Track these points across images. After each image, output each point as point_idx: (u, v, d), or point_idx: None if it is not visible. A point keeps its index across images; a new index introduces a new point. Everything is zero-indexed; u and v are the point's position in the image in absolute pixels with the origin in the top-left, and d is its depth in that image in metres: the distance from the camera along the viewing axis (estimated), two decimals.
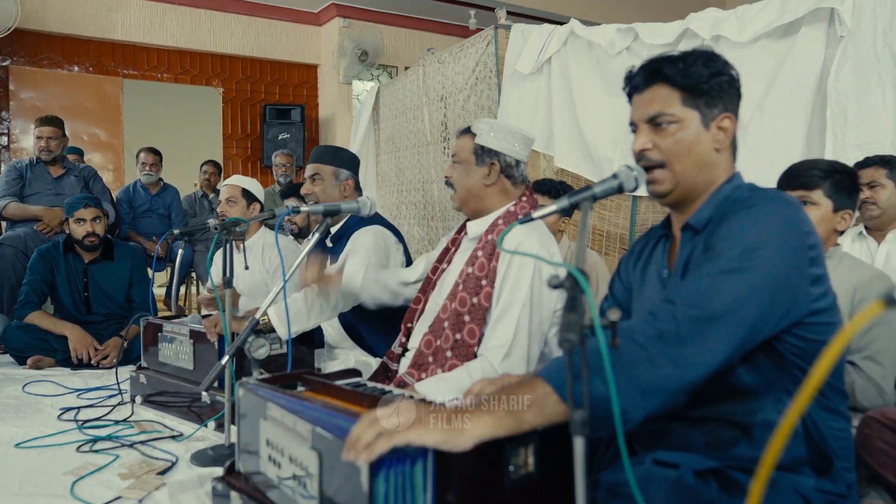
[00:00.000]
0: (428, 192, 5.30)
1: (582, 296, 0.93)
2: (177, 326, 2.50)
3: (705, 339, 1.08)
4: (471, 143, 2.00)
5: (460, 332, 1.86)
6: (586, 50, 3.78)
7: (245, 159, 7.24)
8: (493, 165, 1.99)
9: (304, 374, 1.58)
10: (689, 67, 1.26)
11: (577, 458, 0.93)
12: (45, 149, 4.21)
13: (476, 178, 2.00)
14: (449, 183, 2.05)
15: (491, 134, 1.98)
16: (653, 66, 1.29)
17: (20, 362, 3.34)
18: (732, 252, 1.13)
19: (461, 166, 2.02)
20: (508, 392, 1.07)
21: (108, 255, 3.56)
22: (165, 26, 6.66)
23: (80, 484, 1.80)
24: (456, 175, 2.03)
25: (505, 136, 1.99)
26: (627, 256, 1.51)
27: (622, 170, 1.28)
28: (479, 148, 1.99)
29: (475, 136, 2.00)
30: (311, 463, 1.15)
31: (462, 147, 2.02)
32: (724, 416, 1.22)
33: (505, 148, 1.98)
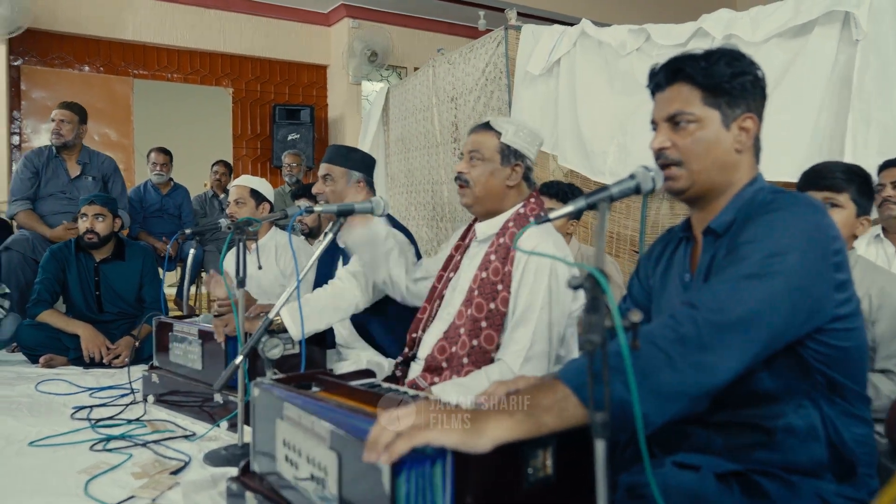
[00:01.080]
0: (437, 192, 5.30)
1: (602, 296, 0.93)
2: (187, 326, 2.50)
3: (727, 345, 1.06)
4: (495, 141, 1.96)
5: (477, 339, 1.84)
6: (596, 50, 3.78)
7: (255, 159, 7.25)
8: (517, 167, 1.96)
9: (319, 375, 1.58)
10: (711, 66, 1.25)
11: (598, 461, 0.92)
12: (56, 132, 4.13)
13: (499, 178, 1.96)
14: (463, 179, 1.99)
15: (518, 134, 1.95)
16: (675, 65, 1.28)
17: (33, 360, 3.36)
18: (756, 256, 1.12)
19: (483, 164, 1.96)
20: (527, 394, 1.06)
21: (120, 254, 3.57)
22: (175, 26, 6.68)
23: (93, 483, 1.81)
24: (476, 173, 1.96)
25: (528, 137, 1.97)
26: (646, 258, 1.50)
27: (639, 170, 1.27)
28: (505, 148, 1.95)
29: (500, 135, 1.96)
30: (329, 463, 1.15)
31: (485, 144, 1.96)
32: (745, 421, 1.21)
33: (527, 150, 1.97)
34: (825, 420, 1.19)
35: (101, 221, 3.45)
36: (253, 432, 1.48)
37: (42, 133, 6.10)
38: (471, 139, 2.01)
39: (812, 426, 1.18)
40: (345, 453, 1.11)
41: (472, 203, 2.01)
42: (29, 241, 3.92)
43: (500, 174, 1.96)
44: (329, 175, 2.56)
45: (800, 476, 1.16)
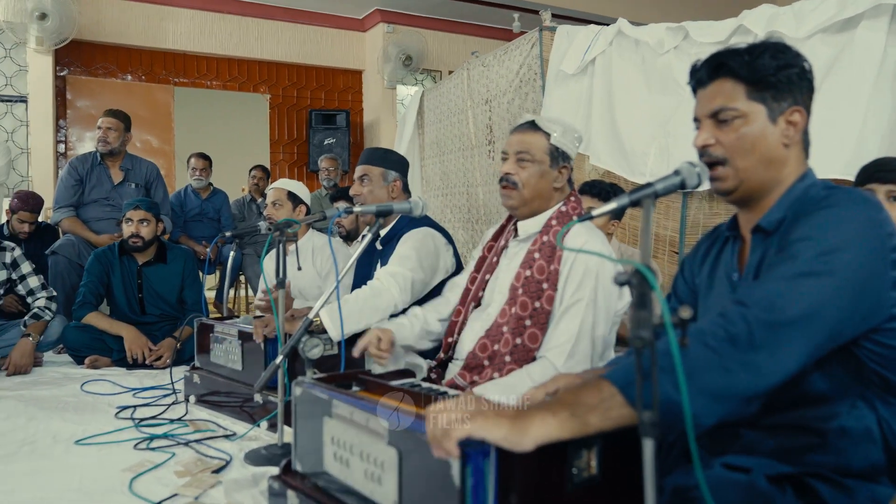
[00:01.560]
0: (473, 195, 5.29)
1: (651, 293, 0.91)
2: (227, 327, 2.53)
3: (779, 345, 1.03)
4: (545, 142, 1.91)
5: (521, 337, 1.82)
6: (633, 49, 3.73)
7: (292, 164, 7.34)
8: (563, 169, 1.93)
9: (359, 374, 1.58)
10: (754, 60, 1.21)
11: (646, 461, 0.90)
12: (102, 139, 4.23)
13: (548, 180, 1.92)
14: (511, 181, 1.93)
15: (565, 135, 1.92)
16: (717, 60, 1.25)
17: (78, 362, 3.44)
18: (809, 254, 1.08)
19: (534, 166, 1.91)
20: (572, 393, 1.04)
21: (161, 257, 3.64)
22: (214, 35, 6.81)
23: (138, 481, 1.84)
24: (525, 175, 1.91)
25: (573, 138, 1.94)
26: (692, 256, 1.46)
27: (684, 166, 1.24)
28: (555, 149, 1.91)
29: (549, 136, 1.91)
30: (388, 459, 1.15)
31: (535, 145, 1.91)
32: (796, 423, 1.17)
33: (571, 151, 1.94)
34: (881, 421, 1.14)
35: (146, 226, 3.52)
36: (294, 431, 1.48)
37: (87, 141, 6.27)
38: (517, 139, 1.95)
39: (867, 428, 1.14)
40: (405, 449, 1.11)
41: (519, 205, 1.95)
42: (75, 245, 4.02)
43: (549, 176, 1.92)
44: (366, 176, 2.58)
45: (854, 479, 1.12)
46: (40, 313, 3.37)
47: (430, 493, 1.07)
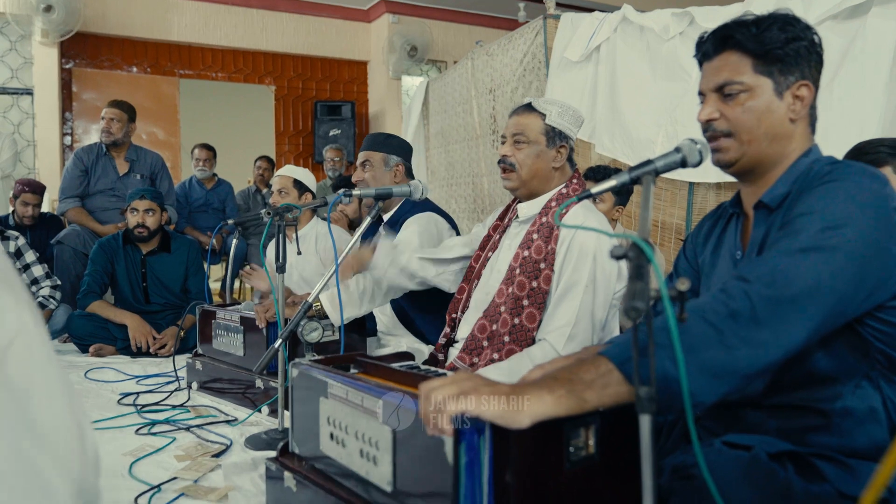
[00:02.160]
0: (478, 185, 5.27)
1: (648, 265, 0.89)
2: (229, 314, 2.53)
3: (782, 321, 1.01)
4: (540, 122, 1.92)
5: (519, 317, 1.81)
6: (638, 35, 3.70)
7: (297, 155, 7.33)
8: (562, 148, 1.94)
9: (357, 357, 1.57)
10: (762, 32, 1.19)
11: (643, 437, 0.88)
12: (105, 130, 4.23)
13: (546, 160, 1.93)
14: (508, 162, 1.94)
15: (562, 115, 1.92)
16: (723, 32, 1.22)
17: (83, 350, 3.45)
18: (812, 229, 1.06)
19: (530, 147, 1.92)
20: (569, 370, 1.03)
21: (165, 246, 3.64)
22: (219, 27, 6.80)
23: (138, 464, 1.83)
24: (521, 156, 1.92)
25: (571, 118, 1.94)
26: (695, 234, 1.44)
27: (685, 143, 1.22)
28: (550, 129, 1.92)
29: (545, 116, 1.92)
30: (382, 438, 1.14)
31: (530, 126, 1.93)
32: (799, 403, 1.15)
33: (570, 131, 1.93)
34: (886, 401, 1.12)
35: (152, 216, 3.52)
36: (292, 413, 1.47)
37: (93, 133, 6.28)
38: (513, 121, 1.96)
39: (871, 408, 1.12)
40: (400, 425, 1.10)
41: (518, 187, 1.97)
42: (80, 235, 4.03)
43: (545, 156, 1.93)
44: (368, 161, 2.57)
45: (858, 459, 1.10)
46: (45, 302, 3.38)
47: (425, 472, 1.06)
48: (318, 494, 1.33)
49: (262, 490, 1.58)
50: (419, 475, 1.08)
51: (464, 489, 0.99)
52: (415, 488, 1.10)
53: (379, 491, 1.17)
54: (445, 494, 1.00)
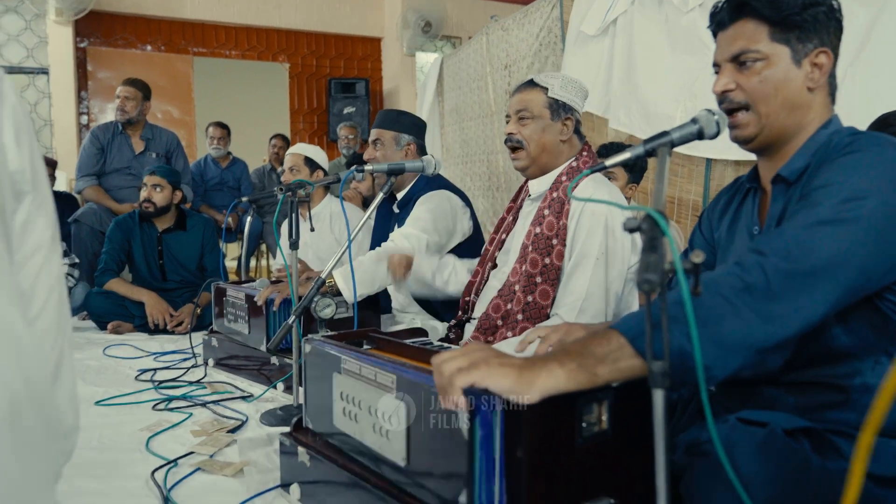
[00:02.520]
0: (493, 162, 5.23)
1: (662, 238, 0.87)
2: (237, 291, 2.54)
3: (798, 295, 0.98)
4: (542, 97, 1.91)
5: (532, 294, 1.80)
6: (656, 7, 3.62)
7: (311, 133, 7.32)
8: (568, 120, 1.92)
9: (370, 333, 1.57)
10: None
11: (656, 412, 0.87)
12: (121, 108, 4.25)
13: (552, 133, 1.91)
14: (515, 140, 1.93)
15: (564, 87, 1.90)
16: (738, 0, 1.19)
17: (101, 327, 3.49)
18: (831, 201, 1.03)
19: (534, 122, 1.91)
20: (581, 344, 1.01)
21: (181, 224, 3.65)
22: (233, 4, 6.77)
23: (154, 439, 1.86)
24: (527, 132, 1.91)
25: (575, 89, 1.92)
26: (711, 208, 1.41)
27: (702, 114, 1.19)
28: (553, 102, 1.90)
29: (547, 90, 1.91)
30: (396, 413, 1.13)
31: (533, 101, 1.91)
32: (817, 380, 1.13)
33: (575, 103, 1.91)
34: None
35: (159, 192, 3.52)
36: (305, 388, 1.48)
37: (108, 112, 6.30)
38: (516, 98, 1.95)
39: None
40: (412, 402, 1.10)
41: (528, 164, 1.95)
42: (97, 213, 4.06)
43: (551, 130, 1.91)
44: (379, 140, 2.55)
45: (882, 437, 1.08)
46: None
47: (439, 446, 1.05)
48: (331, 469, 1.33)
49: (276, 465, 1.59)
50: (433, 450, 1.08)
51: (478, 463, 0.99)
52: (428, 463, 1.09)
53: (392, 466, 1.17)
54: (460, 469, 1.00)
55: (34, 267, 0.73)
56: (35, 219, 0.73)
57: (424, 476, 1.11)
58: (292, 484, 1.46)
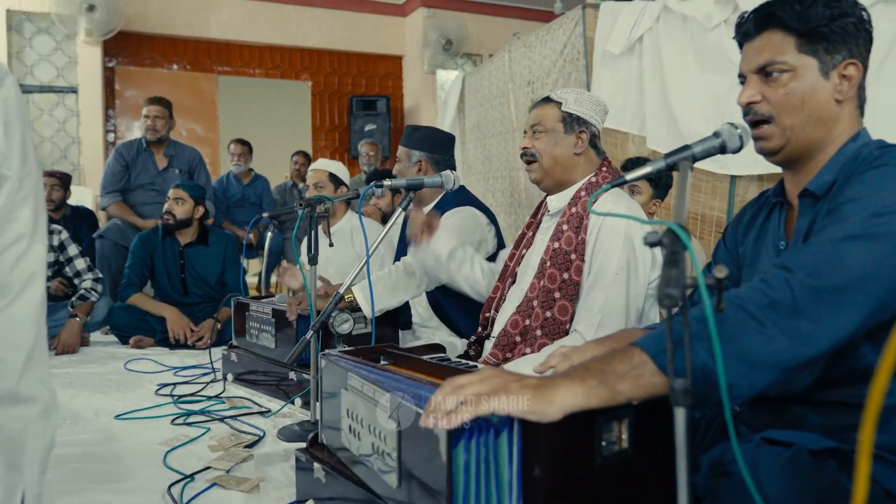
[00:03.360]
0: (515, 179, 5.22)
1: (683, 252, 0.85)
2: (261, 306, 2.54)
3: (826, 312, 0.95)
4: (556, 111, 1.92)
5: (551, 310, 1.78)
6: (680, 25, 3.60)
7: (333, 150, 7.38)
8: (582, 133, 1.92)
9: (387, 348, 1.56)
10: (806, 9, 1.13)
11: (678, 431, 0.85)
12: (150, 128, 4.31)
13: (565, 146, 1.91)
14: (529, 154, 1.94)
15: (579, 101, 1.91)
16: (765, 10, 1.17)
17: (123, 342, 3.52)
18: (860, 216, 1.00)
19: (547, 135, 1.92)
20: (602, 361, 0.99)
21: (203, 239, 3.69)
22: (257, 24, 6.88)
23: (172, 454, 1.85)
24: (541, 145, 1.92)
25: (590, 104, 1.92)
26: (735, 223, 1.38)
27: (725, 128, 1.17)
28: (566, 115, 1.91)
29: (560, 104, 1.92)
30: (390, 433, 1.12)
31: (546, 116, 1.93)
32: (845, 400, 1.10)
33: (590, 117, 1.91)
34: None
35: (180, 205, 3.57)
36: (321, 404, 1.47)
37: (135, 130, 6.41)
38: (532, 114, 1.98)
39: None
40: (405, 422, 1.08)
41: (542, 177, 1.96)
42: (121, 229, 4.11)
43: (565, 143, 1.92)
44: (399, 156, 2.60)
45: None
46: (87, 294, 3.45)
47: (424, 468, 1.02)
48: (347, 486, 1.32)
49: (292, 481, 1.58)
50: (421, 473, 1.05)
51: (458, 489, 0.96)
52: (417, 486, 1.06)
53: (387, 486, 1.15)
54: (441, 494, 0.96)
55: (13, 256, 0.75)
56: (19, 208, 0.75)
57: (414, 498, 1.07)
58: (308, 500, 1.45)
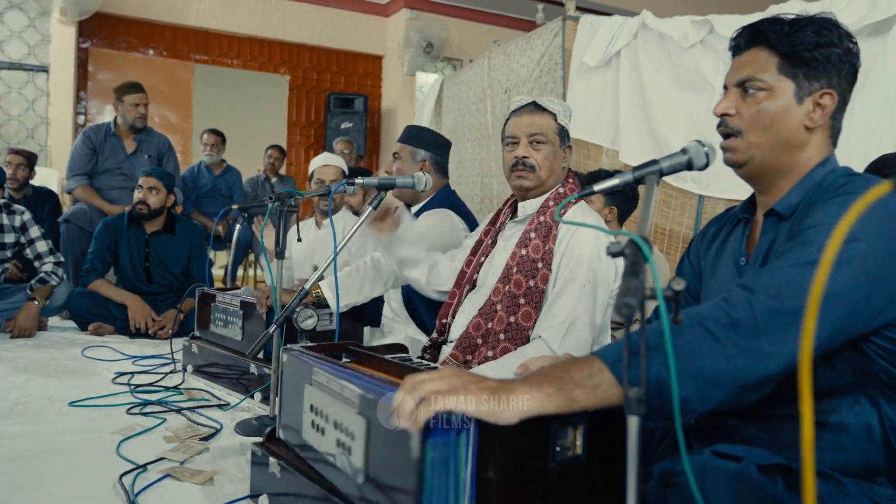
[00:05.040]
0: (487, 185, 5.25)
1: (644, 263, 0.87)
2: (229, 297, 2.52)
3: (785, 333, 0.98)
4: (553, 123, 1.93)
5: (515, 315, 1.80)
6: (658, 43, 3.66)
7: (308, 146, 7.34)
8: (569, 148, 1.97)
9: (350, 346, 1.55)
10: (794, 32, 1.15)
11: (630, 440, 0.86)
12: (142, 116, 4.27)
13: (559, 159, 1.95)
14: (529, 164, 1.92)
15: (566, 115, 1.95)
16: (757, 27, 1.20)
17: (82, 328, 3.45)
18: (822, 241, 1.03)
19: (548, 147, 1.92)
20: (561, 368, 1.00)
21: (170, 228, 3.64)
22: (237, 13, 6.81)
23: (126, 443, 1.82)
24: (541, 156, 1.91)
25: (570, 117, 1.96)
26: (699, 237, 1.41)
27: (692, 145, 1.20)
28: (561, 128, 1.94)
29: (556, 116, 1.93)
30: (357, 429, 1.12)
31: (546, 126, 1.92)
32: (793, 415, 1.13)
33: (570, 129, 1.94)
34: (883, 419, 1.09)
35: (154, 195, 3.52)
36: (280, 398, 1.46)
37: (106, 114, 6.30)
38: (527, 121, 1.94)
39: (868, 425, 1.09)
40: (374, 419, 1.08)
41: (535, 185, 1.95)
42: (86, 213, 4.04)
43: (560, 156, 1.95)
44: (399, 153, 2.61)
45: (851, 478, 1.07)
46: (47, 278, 3.38)
47: (392, 464, 1.03)
48: (301, 482, 1.31)
49: (247, 475, 1.56)
50: (389, 469, 1.05)
51: (428, 486, 0.97)
52: (384, 482, 1.07)
53: (352, 483, 1.15)
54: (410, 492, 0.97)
55: None
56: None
57: (379, 495, 1.08)
58: (261, 495, 1.44)
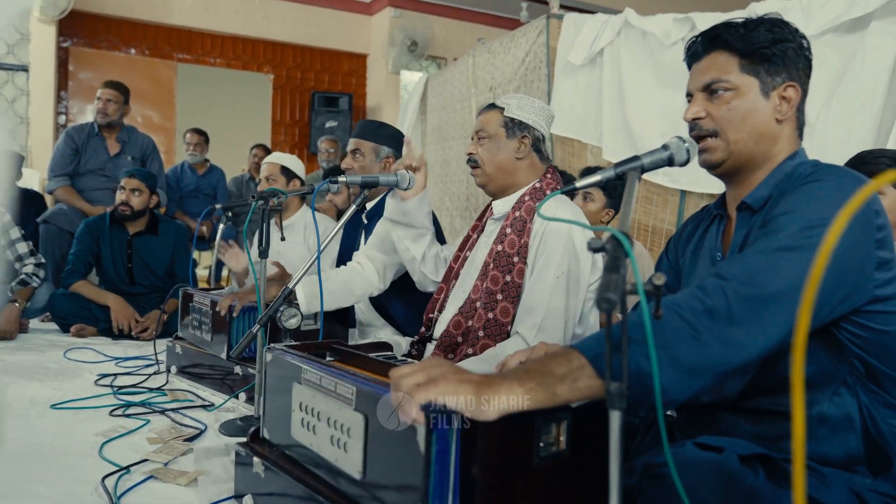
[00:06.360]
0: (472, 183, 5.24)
1: (625, 258, 0.87)
2: (203, 297, 2.49)
3: (758, 320, 1.00)
4: (499, 116, 1.96)
5: (493, 311, 1.81)
6: (640, 40, 3.68)
7: (293, 145, 7.30)
8: (524, 139, 1.95)
9: (334, 345, 1.55)
10: (749, 32, 1.20)
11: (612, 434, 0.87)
12: (101, 111, 4.20)
13: (507, 151, 1.95)
14: (473, 160, 1.98)
15: (521, 107, 1.95)
16: (712, 32, 1.24)
17: (64, 330, 3.41)
18: (792, 228, 1.05)
19: (489, 141, 1.96)
20: (541, 363, 1.01)
21: (153, 229, 3.60)
22: (220, 12, 6.76)
23: (109, 445, 1.81)
24: (483, 150, 1.96)
25: (533, 109, 1.96)
26: (677, 235, 1.43)
27: (673, 141, 1.22)
28: (508, 120, 1.94)
29: (503, 110, 1.95)
30: (354, 425, 1.12)
31: (489, 121, 1.96)
32: (774, 408, 1.14)
33: (533, 122, 1.95)
34: (862, 410, 1.11)
35: (137, 196, 3.48)
36: (264, 398, 1.45)
37: (87, 113, 6.23)
38: (478, 120, 2.02)
39: (847, 415, 1.11)
40: (372, 414, 1.08)
41: (486, 182, 2.00)
42: (67, 214, 3.99)
43: (507, 148, 1.95)
44: (358, 150, 2.55)
45: (832, 468, 1.09)
46: (28, 279, 3.34)
47: (395, 460, 1.04)
48: (286, 481, 1.31)
49: (232, 476, 1.56)
50: (390, 464, 1.06)
51: (434, 479, 0.97)
52: (384, 477, 1.08)
53: (348, 479, 1.15)
54: (415, 484, 0.98)
55: None
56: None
57: (380, 489, 1.09)
58: (246, 495, 1.43)
